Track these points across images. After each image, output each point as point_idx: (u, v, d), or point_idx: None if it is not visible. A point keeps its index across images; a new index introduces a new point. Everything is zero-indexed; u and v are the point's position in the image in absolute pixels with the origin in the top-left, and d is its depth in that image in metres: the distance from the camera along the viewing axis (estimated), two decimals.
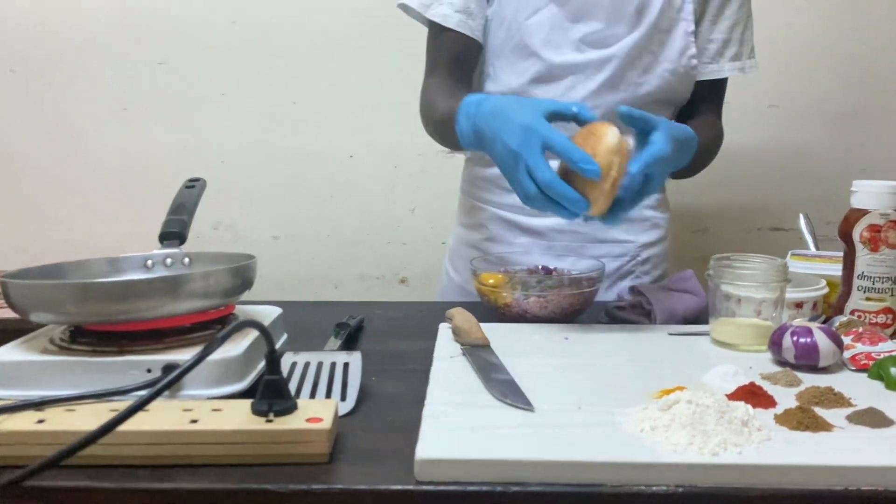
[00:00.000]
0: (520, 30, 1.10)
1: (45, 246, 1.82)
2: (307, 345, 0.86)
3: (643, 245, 1.22)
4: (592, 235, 1.18)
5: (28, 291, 0.69)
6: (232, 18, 1.72)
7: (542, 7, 1.09)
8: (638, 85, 1.12)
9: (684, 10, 1.12)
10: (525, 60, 1.11)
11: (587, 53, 1.10)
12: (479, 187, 1.24)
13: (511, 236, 1.20)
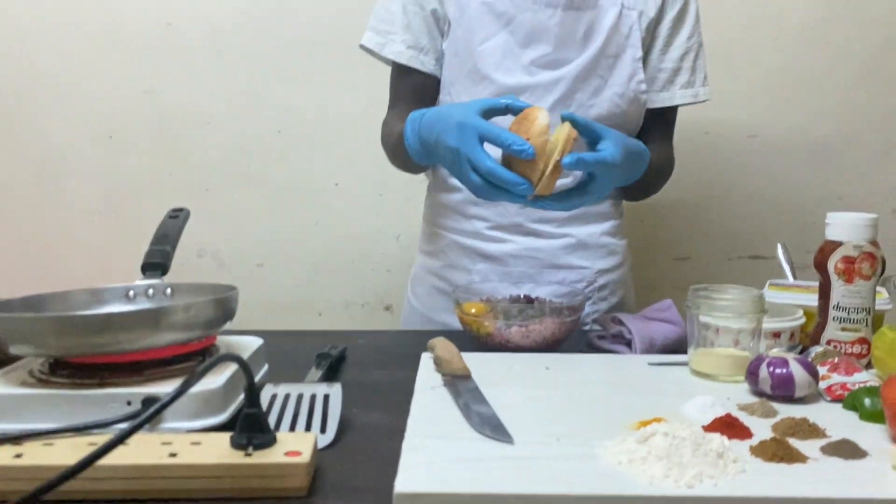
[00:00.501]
0: (472, 56, 1.14)
1: (27, 274, 1.80)
2: (288, 375, 0.86)
3: (600, 271, 1.23)
4: (549, 261, 1.20)
5: (8, 325, 0.69)
6: (218, 48, 1.74)
7: (493, 34, 1.13)
8: (588, 107, 1.15)
9: (632, 38, 1.16)
10: (478, 84, 1.14)
11: (537, 76, 1.14)
12: (439, 214, 1.26)
13: (469, 263, 1.22)
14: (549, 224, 1.20)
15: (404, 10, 1.16)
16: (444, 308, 1.24)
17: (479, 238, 1.21)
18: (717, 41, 1.76)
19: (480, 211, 1.20)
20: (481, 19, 1.13)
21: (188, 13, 1.73)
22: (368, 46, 1.19)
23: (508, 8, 1.12)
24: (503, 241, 1.20)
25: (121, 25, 1.73)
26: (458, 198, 1.22)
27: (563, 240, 1.21)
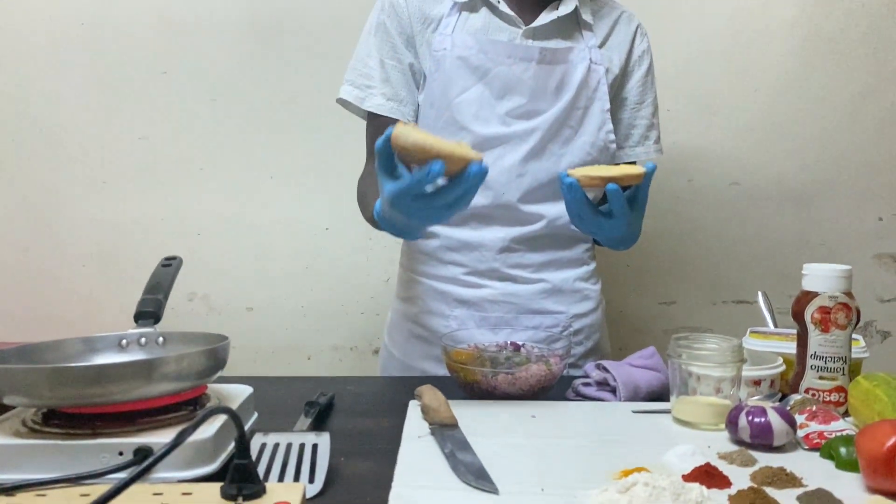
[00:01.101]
0: (449, 107, 1.18)
1: (19, 318, 1.81)
2: (278, 423, 0.88)
3: (574, 316, 1.26)
4: (525, 306, 1.23)
5: (2, 376, 0.71)
6: (212, 96, 1.77)
7: (470, 86, 1.17)
8: (560, 156, 1.20)
9: (599, 91, 1.21)
10: (456, 135, 1.18)
11: (513, 126, 1.18)
12: (416, 261, 1.28)
13: (446, 308, 1.24)
14: (525, 269, 1.23)
15: (382, 65, 1.20)
16: (422, 355, 1.26)
17: (456, 283, 1.24)
18: (701, 92, 1.82)
19: (457, 257, 1.23)
20: (458, 73, 1.17)
21: (183, 63, 1.76)
22: (347, 99, 1.22)
23: (484, 62, 1.17)
24: (480, 286, 1.23)
25: (117, 73, 1.77)
26: (435, 244, 1.24)
27: (538, 285, 1.23)
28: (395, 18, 1.20)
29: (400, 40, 1.20)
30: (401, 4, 1.20)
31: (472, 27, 1.19)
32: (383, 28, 1.21)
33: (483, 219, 1.22)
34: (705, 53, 1.80)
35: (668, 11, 1.79)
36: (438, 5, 1.20)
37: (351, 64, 1.23)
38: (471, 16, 1.19)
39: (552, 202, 1.21)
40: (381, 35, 1.21)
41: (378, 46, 1.21)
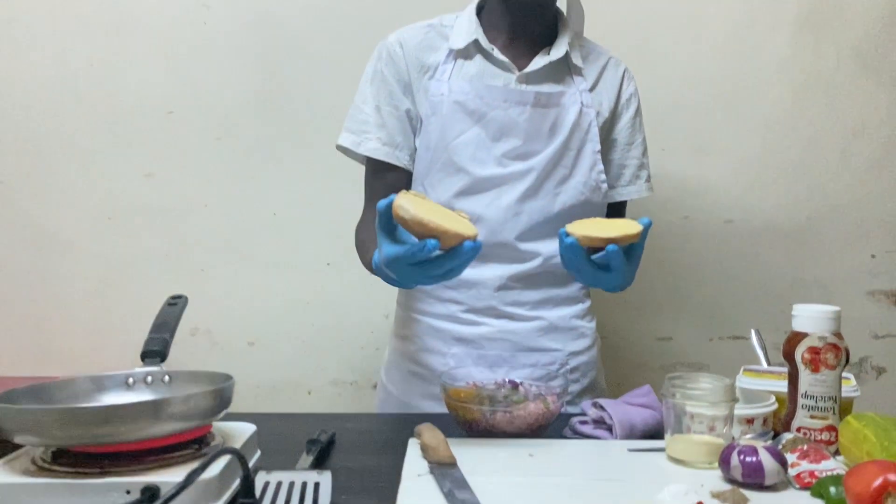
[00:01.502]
0: (447, 149, 1.22)
1: (25, 352, 1.83)
2: (280, 460, 0.89)
3: (571, 353, 1.28)
4: (523, 344, 1.25)
5: (14, 416, 0.73)
6: (216, 135, 1.81)
7: (467, 129, 1.21)
8: (555, 195, 1.23)
9: (591, 133, 1.25)
10: (453, 176, 1.22)
11: (509, 167, 1.22)
12: (414, 299, 1.30)
13: (444, 346, 1.26)
14: (522, 307, 1.25)
15: (378, 111, 1.25)
16: (420, 393, 1.28)
17: (453, 321, 1.26)
18: (695, 131, 1.86)
19: (454, 295, 1.25)
20: (455, 116, 1.21)
21: (189, 103, 1.81)
22: (345, 146, 1.26)
23: (480, 106, 1.21)
24: (477, 323, 1.25)
25: (125, 112, 1.81)
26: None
27: (535, 322, 1.25)
28: (393, 66, 1.25)
29: (397, 87, 1.25)
30: (398, 53, 1.25)
31: (468, 73, 1.23)
32: (380, 76, 1.25)
33: (480, 257, 1.23)
34: (699, 93, 1.84)
35: (663, 50, 1.83)
36: (435, 53, 1.25)
37: (349, 111, 1.28)
38: (466, 63, 1.24)
39: (548, 240, 1.24)
40: (378, 82, 1.26)
41: (374, 93, 1.25)
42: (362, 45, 1.34)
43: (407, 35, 1.27)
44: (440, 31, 1.27)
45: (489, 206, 1.22)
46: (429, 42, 1.26)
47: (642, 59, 1.79)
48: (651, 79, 1.81)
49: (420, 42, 1.26)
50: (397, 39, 1.26)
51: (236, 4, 1.80)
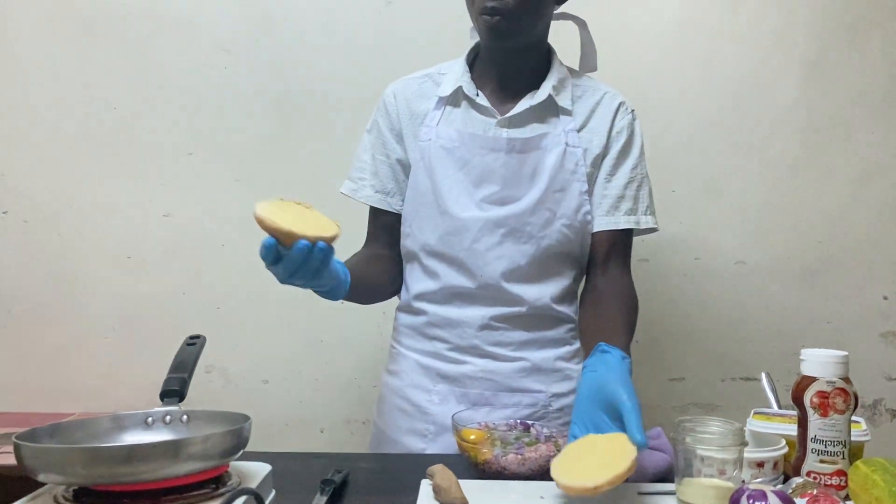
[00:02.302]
0: (433, 192, 1.26)
1: (44, 390, 1.85)
2: (295, 500, 0.91)
3: (554, 395, 1.28)
4: (505, 384, 1.26)
5: (37, 454, 0.75)
6: (235, 176, 1.85)
7: (451, 174, 1.26)
8: (539, 238, 1.25)
9: (577, 173, 1.26)
10: (439, 218, 1.26)
11: (488, 211, 1.24)
12: (404, 335, 1.34)
13: (429, 383, 1.28)
14: (506, 347, 1.26)
15: (373, 159, 1.33)
16: (405, 429, 1.29)
17: (438, 358, 1.28)
18: (706, 173, 1.88)
19: (440, 333, 1.28)
20: (441, 162, 1.26)
21: (208, 144, 1.86)
22: (345, 193, 1.36)
23: (464, 153, 1.25)
24: (461, 362, 1.27)
25: (145, 153, 1.86)
26: (423, 320, 1.30)
27: (518, 363, 1.26)
28: (386, 116, 1.33)
29: (390, 136, 1.32)
30: (391, 104, 1.33)
31: (454, 120, 1.28)
32: (377, 126, 1.34)
33: (466, 297, 1.27)
34: (710, 134, 1.87)
35: (674, 93, 1.86)
36: (426, 101, 1.31)
37: (353, 160, 1.37)
38: (453, 109, 1.29)
39: (533, 283, 1.26)
40: (374, 133, 1.34)
41: (371, 143, 1.34)
42: (378, 91, 1.38)
43: (402, 85, 1.34)
44: (435, 79, 1.33)
45: (469, 248, 1.24)
46: (422, 91, 1.32)
47: (653, 101, 1.83)
48: (662, 121, 1.85)
49: (414, 92, 1.32)
50: (393, 90, 1.34)
51: (256, 49, 1.85)
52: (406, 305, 1.34)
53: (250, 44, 1.85)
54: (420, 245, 1.29)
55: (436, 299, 1.29)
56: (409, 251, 1.32)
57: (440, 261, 1.27)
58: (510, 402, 1.25)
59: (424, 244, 1.28)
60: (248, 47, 1.85)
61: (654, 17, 1.87)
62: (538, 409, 1.26)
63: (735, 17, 1.86)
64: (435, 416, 1.27)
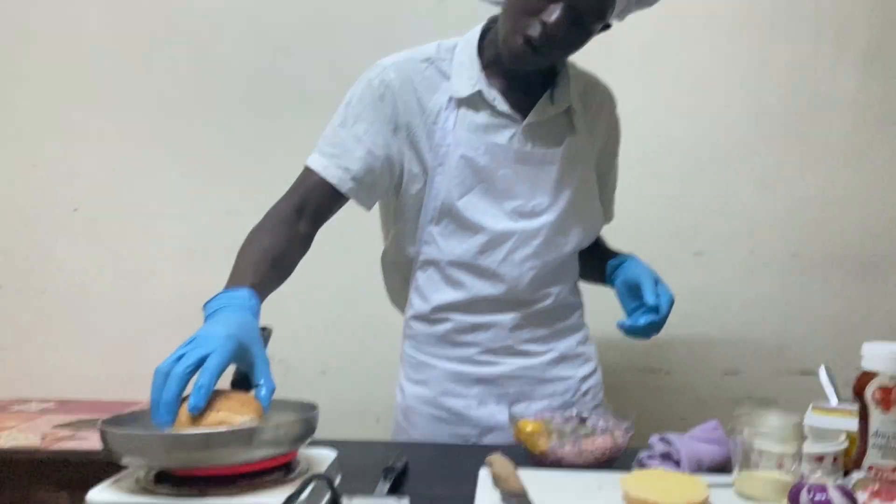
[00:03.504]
0: (455, 206, 1.21)
1: (114, 379, 1.93)
2: (358, 486, 0.93)
3: (582, 378, 1.32)
4: (538, 377, 1.28)
5: (122, 440, 0.79)
6: (294, 173, 1.89)
7: (473, 187, 1.21)
8: (563, 245, 1.26)
9: (594, 178, 1.30)
10: (466, 230, 1.22)
11: (519, 222, 1.23)
12: (427, 344, 1.30)
13: (464, 388, 1.28)
14: (535, 343, 1.28)
15: (357, 142, 1.19)
16: (447, 435, 1.29)
17: (471, 363, 1.27)
18: (762, 164, 1.86)
19: (469, 338, 1.27)
20: (462, 172, 1.20)
21: (269, 144, 1.91)
22: (313, 168, 1.21)
23: (488, 163, 1.20)
24: (495, 363, 1.27)
25: (208, 151, 1.92)
26: (447, 327, 1.27)
27: (547, 355, 1.29)
28: (386, 104, 1.20)
29: (386, 127, 1.20)
30: (395, 91, 1.19)
31: (473, 125, 1.20)
32: (368, 108, 1.20)
33: (493, 303, 1.26)
34: (765, 125, 1.85)
35: (729, 85, 1.85)
36: (434, 95, 1.20)
37: (325, 131, 1.23)
38: (469, 112, 1.20)
39: (557, 283, 1.29)
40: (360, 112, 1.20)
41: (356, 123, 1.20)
42: None
43: (404, 70, 1.20)
44: (439, 66, 1.22)
45: (504, 261, 1.23)
46: (428, 81, 1.21)
47: (709, 91, 1.82)
48: (716, 112, 1.84)
49: (420, 81, 1.20)
50: (395, 76, 1.20)
51: (313, 48, 1.89)
52: (423, 315, 1.29)
53: (309, 44, 1.89)
54: (446, 255, 1.24)
55: (461, 308, 1.26)
56: (430, 260, 1.25)
57: (467, 272, 1.24)
58: (545, 392, 1.28)
59: (451, 254, 1.23)
60: (304, 47, 1.89)
61: (708, 6, 1.85)
62: (571, 395, 1.29)
63: (791, 7, 1.84)
64: (477, 420, 1.27)
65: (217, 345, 0.84)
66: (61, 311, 1.96)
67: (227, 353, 0.84)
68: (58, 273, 1.96)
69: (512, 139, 1.21)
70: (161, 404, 0.80)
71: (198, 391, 0.80)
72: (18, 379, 1.97)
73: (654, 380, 1.90)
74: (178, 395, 0.80)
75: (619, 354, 1.88)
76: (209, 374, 0.81)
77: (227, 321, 0.91)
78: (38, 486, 1.53)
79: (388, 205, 1.31)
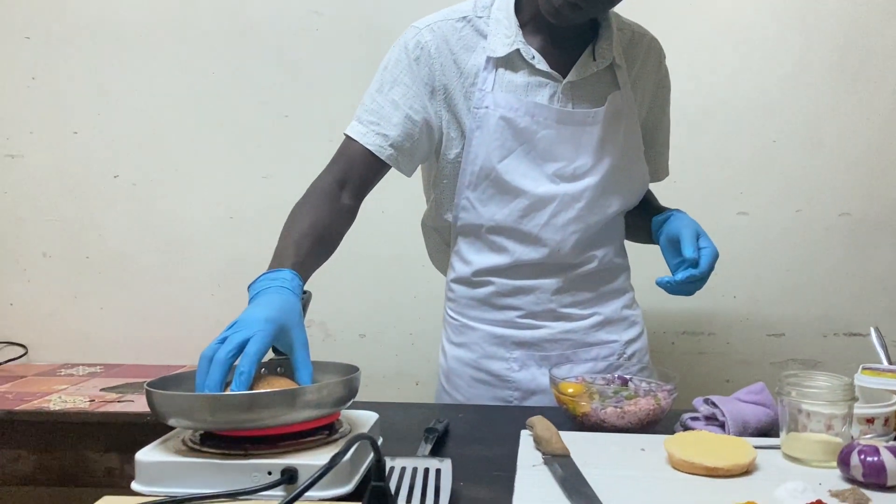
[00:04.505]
0: (495, 169, 1.18)
1: (157, 343, 1.97)
2: (400, 448, 0.94)
3: (626, 342, 1.30)
4: (581, 341, 1.27)
5: (167, 401, 0.80)
6: (329, 137, 1.88)
7: (515, 147, 1.18)
8: (607, 207, 1.23)
9: (638, 135, 1.25)
10: (506, 194, 1.20)
11: (561, 185, 1.20)
12: (468, 307, 1.29)
13: (505, 351, 1.27)
14: (578, 307, 1.27)
15: (395, 107, 1.18)
16: (489, 397, 1.28)
17: (512, 326, 1.26)
18: (809, 122, 1.81)
19: (511, 301, 1.25)
20: (502, 134, 1.17)
21: (303, 106, 1.90)
22: (351, 136, 1.20)
23: (529, 124, 1.17)
24: (537, 327, 1.26)
25: (244, 117, 1.92)
26: (489, 290, 1.26)
27: (591, 319, 1.27)
28: (422, 66, 1.18)
29: (423, 91, 1.18)
30: (431, 53, 1.18)
31: (513, 85, 1.18)
32: (404, 72, 1.19)
33: (537, 267, 1.24)
34: (813, 80, 1.80)
35: (775, 41, 1.79)
36: (472, 56, 1.18)
37: (363, 98, 1.22)
38: (507, 73, 1.18)
39: (602, 246, 1.26)
40: (397, 77, 1.19)
41: (392, 88, 1.19)
42: None
43: (440, 32, 1.18)
44: (476, 25, 1.19)
45: (546, 226, 1.21)
46: (465, 41, 1.18)
47: (753, 45, 1.76)
48: (763, 66, 1.78)
49: (456, 42, 1.18)
50: (431, 38, 1.18)
51: (346, 11, 1.87)
52: (465, 279, 1.28)
53: (343, 5, 1.87)
54: (485, 220, 1.22)
55: (503, 272, 1.25)
56: (468, 224, 1.24)
57: (509, 237, 1.22)
58: (588, 356, 1.27)
59: (491, 220, 1.21)
60: (338, 9, 1.87)
61: None
62: (615, 358, 1.28)
63: None
64: (518, 383, 1.27)
65: (257, 328, 0.85)
66: (105, 277, 2.00)
67: (266, 338, 0.85)
68: (100, 240, 1.99)
69: (553, 99, 1.19)
70: (205, 389, 0.81)
71: (238, 377, 0.82)
72: (66, 344, 2.02)
73: (697, 342, 1.88)
74: (221, 381, 0.82)
75: (662, 317, 1.86)
76: (249, 360, 0.82)
77: (269, 304, 0.92)
78: (89, 448, 1.57)
79: (431, 169, 1.29)
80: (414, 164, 1.24)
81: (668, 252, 1.21)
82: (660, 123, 1.34)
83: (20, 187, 1.99)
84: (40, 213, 1.99)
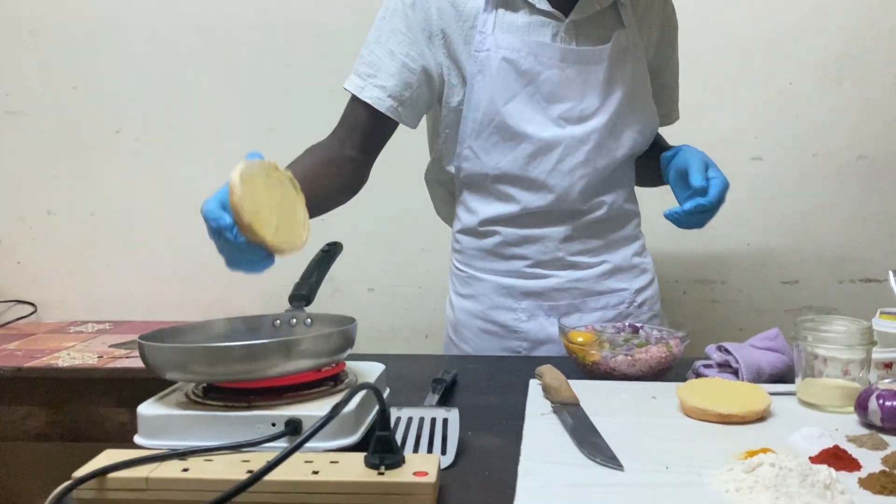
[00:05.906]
0: (499, 113, 1.15)
1: (169, 301, 1.97)
2: (407, 399, 0.93)
3: (637, 290, 1.28)
4: (590, 290, 1.24)
5: (161, 354, 0.79)
6: (330, 87, 1.84)
7: (519, 91, 1.14)
8: (615, 150, 1.20)
9: (645, 74, 1.21)
10: (511, 141, 1.16)
11: (568, 129, 1.16)
12: (475, 258, 1.27)
13: (513, 301, 1.24)
14: (587, 255, 1.24)
15: (391, 56, 1.16)
16: (497, 348, 1.27)
17: (520, 276, 1.24)
18: (824, 63, 1.75)
19: (518, 251, 1.23)
20: (505, 77, 1.14)
21: (305, 57, 1.86)
22: (349, 90, 1.19)
23: (532, 65, 1.14)
24: (545, 276, 1.23)
25: (245, 69, 1.88)
26: (496, 240, 1.24)
27: (600, 267, 1.24)
28: (419, 11, 1.15)
29: (421, 37, 1.15)
30: None
31: (514, 25, 1.14)
32: (400, 20, 1.16)
33: (544, 215, 1.21)
34: (827, 18, 1.73)
35: None
36: None
37: (361, 51, 1.19)
38: (508, 13, 1.14)
39: (610, 192, 1.22)
40: (395, 26, 1.16)
41: (390, 37, 1.16)
42: None
43: None
44: None
45: (553, 171, 1.17)
46: None
47: None
48: (775, 10, 1.72)
49: None
50: None
51: None
52: (471, 229, 1.26)
53: None
54: (489, 169, 1.19)
55: (510, 221, 1.22)
56: (472, 175, 1.21)
57: (514, 184, 1.19)
58: (597, 305, 1.24)
59: (495, 168, 1.18)
60: None
61: None
62: (625, 307, 1.25)
63: None
64: (527, 333, 1.25)
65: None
66: (111, 234, 1.98)
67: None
68: (105, 196, 1.97)
69: (555, 38, 1.15)
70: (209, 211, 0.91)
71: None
72: (75, 302, 2.01)
73: (710, 291, 1.85)
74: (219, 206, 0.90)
75: (673, 265, 1.83)
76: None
77: None
78: (98, 404, 1.57)
79: (434, 121, 1.26)
80: (417, 115, 1.22)
81: (677, 186, 1.16)
82: (668, 63, 1.30)
83: (21, 144, 1.97)
84: (43, 171, 1.97)
